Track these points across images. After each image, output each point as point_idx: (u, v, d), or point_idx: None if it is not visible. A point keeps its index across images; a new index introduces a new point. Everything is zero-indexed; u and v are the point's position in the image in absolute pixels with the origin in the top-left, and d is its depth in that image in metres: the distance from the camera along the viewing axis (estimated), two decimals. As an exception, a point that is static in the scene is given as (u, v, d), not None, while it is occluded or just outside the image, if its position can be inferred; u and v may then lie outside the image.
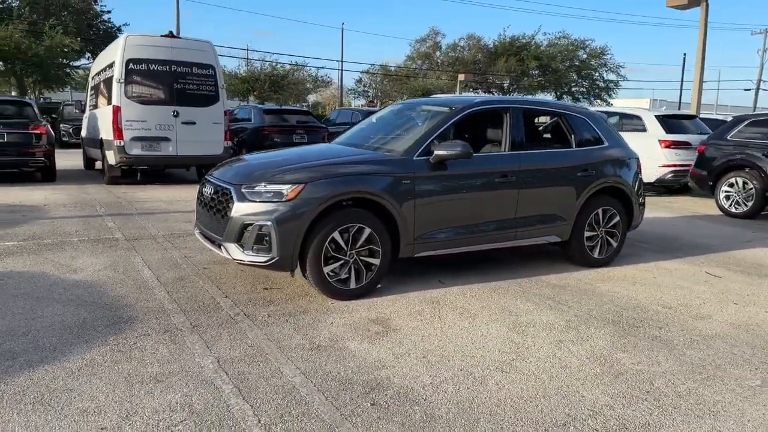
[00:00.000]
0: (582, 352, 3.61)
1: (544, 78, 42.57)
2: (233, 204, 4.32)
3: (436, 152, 4.64)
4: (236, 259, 4.36)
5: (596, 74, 43.87)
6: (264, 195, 4.26)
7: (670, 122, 11.24)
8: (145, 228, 6.85)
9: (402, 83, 43.58)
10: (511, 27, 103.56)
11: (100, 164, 11.61)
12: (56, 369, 3.14)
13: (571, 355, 3.56)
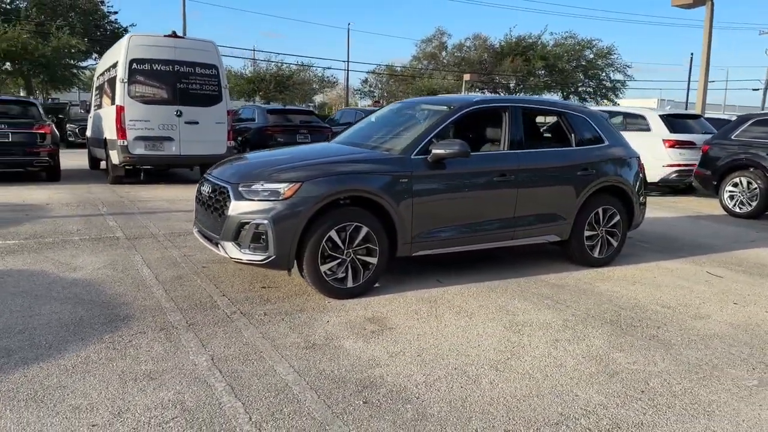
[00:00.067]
0: (578, 352, 3.59)
1: (551, 78, 42.40)
2: (230, 202, 4.33)
3: (434, 151, 4.63)
4: (233, 258, 4.37)
5: (603, 74, 43.65)
6: (261, 193, 4.27)
7: (675, 122, 11.17)
8: (146, 227, 6.87)
9: (408, 83, 43.50)
10: (518, 27, 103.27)
11: (105, 164, 11.66)
12: (51, 366, 3.16)
13: (567, 355, 3.54)
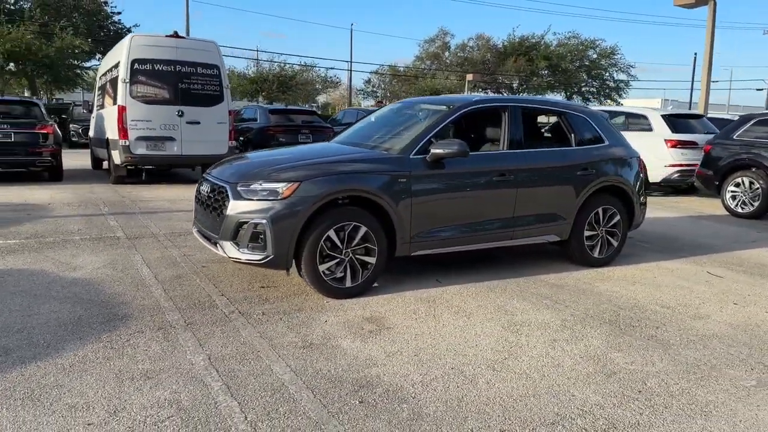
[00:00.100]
0: (576, 352, 3.58)
1: (554, 78, 42.32)
2: (229, 202, 4.33)
3: (433, 150, 4.63)
4: (232, 258, 4.38)
5: (606, 74, 43.56)
6: (260, 193, 4.27)
7: (677, 122, 11.14)
8: (147, 227, 6.88)
9: (411, 84, 43.49)
10: (521, 27, 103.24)
11: (107, 164, 11.69)
12: (48, 365, 3.16)
13: (565, 355, 3.53)
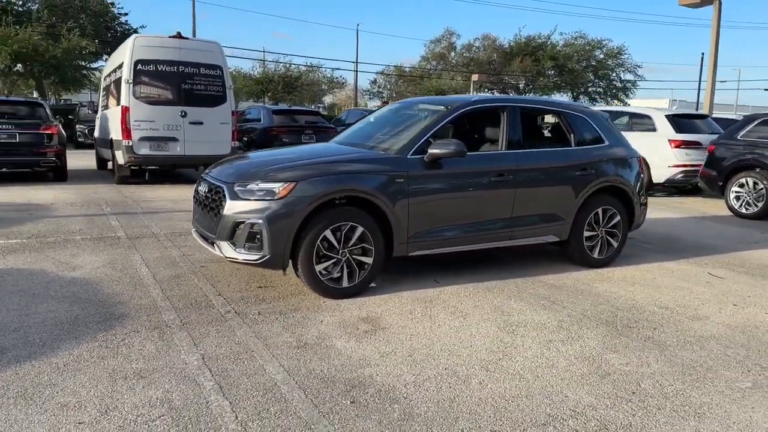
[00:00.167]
0: (571, 353, 3.57)
1: (561, 78, 42.20)
2: (226, 202, 4.34)
3: (430, 151, 4.62)
4: (229, 257, 4.39)
5: (613, 74, 43.39)
6: (256, 193, 4.28)
7: (681, 122, 11.08)
8: (148, 227, 6.91)
9: (416, 84, 43.46)
10: (527, 27, 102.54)
11: (111, 164, 11.74)
12: (42, 364, 3.18)
13: (559, 355, 3.52)
